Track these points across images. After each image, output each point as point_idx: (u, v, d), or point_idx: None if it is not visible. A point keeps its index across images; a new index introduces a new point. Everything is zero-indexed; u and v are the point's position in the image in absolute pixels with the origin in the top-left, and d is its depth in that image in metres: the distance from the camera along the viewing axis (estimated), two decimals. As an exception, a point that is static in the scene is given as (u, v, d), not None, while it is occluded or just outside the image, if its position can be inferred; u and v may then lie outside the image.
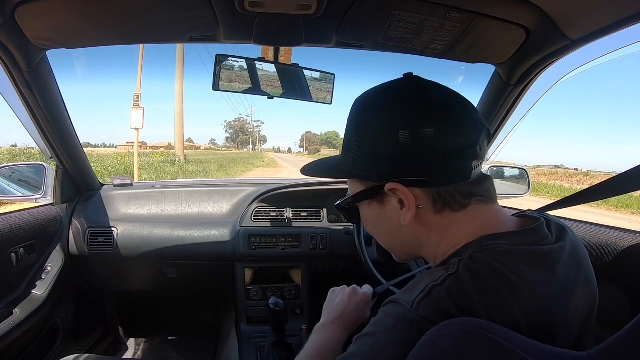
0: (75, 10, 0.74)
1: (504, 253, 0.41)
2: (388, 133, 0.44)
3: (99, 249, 1.28)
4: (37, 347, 1.16)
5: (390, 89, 0.48)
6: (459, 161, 0.44)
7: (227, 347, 1.35)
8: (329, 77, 1.02)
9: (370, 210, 0.50)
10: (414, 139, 0.43)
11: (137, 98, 8.30)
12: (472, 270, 0.40)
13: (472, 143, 0.44)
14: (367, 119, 0.47)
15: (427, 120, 0.43)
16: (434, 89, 0.47)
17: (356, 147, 0.47)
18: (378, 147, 0.45)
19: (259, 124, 75.74)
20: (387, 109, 0.46)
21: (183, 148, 15.95)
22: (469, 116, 0.45)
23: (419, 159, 0.43)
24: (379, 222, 0.50)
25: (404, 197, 0.45)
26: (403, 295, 0.42)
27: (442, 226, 0.46)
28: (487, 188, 0.46)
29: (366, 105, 0.48)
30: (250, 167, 20.46)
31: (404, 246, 0.51)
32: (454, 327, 0.35)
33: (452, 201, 0.45)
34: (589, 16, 0.68)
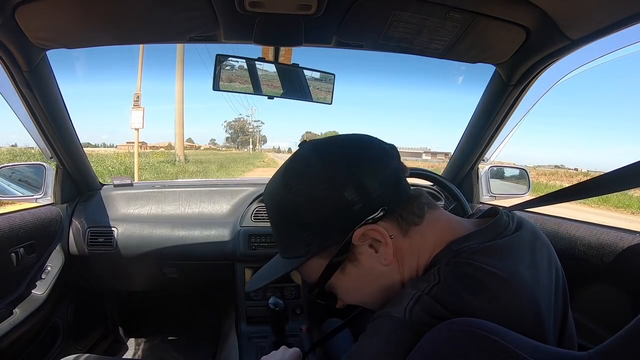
0: (75, 10, 0.74)
1: (477, 252, 0.43)
2: (332, 198, 0.44)
3: (99, 249, 1.28)
4: (37, 347, 1.16)
5: (300, 166, 0.48)
6: (395, 184, 0.46)
7: (227, 347, 1.35)
8: (329, 77, 1.02)
9: (347, 276, 0.48)
10: (357, 181, 0.44)
11: (137, 98, 8.30)
12: (454, 273, 0.41)
13: (395, 166, 0.47)
14: (301, 198, 0.45)
15: (356, 161, 0.45)
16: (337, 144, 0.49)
17: (299, 229, 0.46)
18: (326, 213, 0.45)
19: (259, 124, 75.76)
20: (320, 182, 0.45)
21: (183, 148, 15.95)
22: (379, 146, 0.48)
23: (368, 195, 0.44)
24: (361, 281, 0.48)
25: (377, 234, 0.45)
26: (390, 309, 0.41)
27: (413, 246, 0.47)
28: (425, 195, 0.49)
29: (292, 189, 0.46)
30: (251, 167, 20.45)
31: (388, 291, 0.48)
32: (454, 327, 0.35)
33: (412, 216, 0.46)
34: (589, 16, 0.68)
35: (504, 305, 0.39)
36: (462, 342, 0.34)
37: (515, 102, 1.02)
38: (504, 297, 0.39)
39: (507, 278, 0.40)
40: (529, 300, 0.41)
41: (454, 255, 0.43)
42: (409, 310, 0.39)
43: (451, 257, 0.43)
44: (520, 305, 0.40)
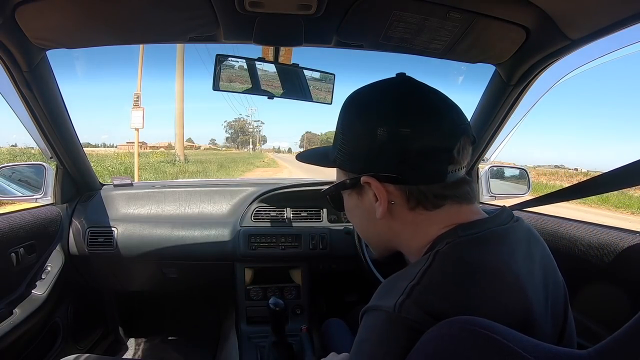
0: (75, 10, 0.74)
1: (476, 240, 0.43)
2: (367, 130, 0.46)
3: (99, 249, 1.28)
4: (37, 347, 1.16)
5: (375, 88, 0.50)
6: (433, 163, 0.45)
7: (227, 347, 1.35)
8: (329, 77, 1.02)
9: (350, 200, 0.53)
10: (390, 137, 0.45)
11: (137, 98, 8.29)
12: (446, 262, 0.41)
13: (448, 147, 0.45)
14: (350, 115, 0.49)
15: (405, 120, 0.45)
16: (418, 90, 0.48)
17: (340, 140, 0.50)
18: (358, 141, 0.48)
19: (259, 124, 75.79)
20: (368, 106, 0.48)
21: (183, 148, 15.93)
22: (449, 121, 0.46)
23: (394, 156, 0.45)
24: (357, 211, 0.53)
25: (377, 192, 0.47)
26: (380, 302, 0.42)
27: (416, 222, 0.47)
28: (465, 191, 0.47)
29: (352, 102, 0.50)
30: (250, 167, 20.44)
31: (379, 238, 0.53)
32: (455, 325, 0.35)
33: (424, 201, 0.46)
34: (589, 16, 0.68)
35: (492, 297, 0.40)
36: (463, 341, 0.34)
37: (515, 102, 1.02)
38: (493, 289, 0.40)
39: (500, 269, 0.41)
40: (519, 291, 0.41)
41: (456, 238, 0.44)
42: (399, 305, 0.39)
43: (453, 238, 0.44)
44: (509, 297, 0.41)
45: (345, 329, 1.10)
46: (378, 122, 0.45)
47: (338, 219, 1.47)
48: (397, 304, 0.39)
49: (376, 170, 0.46)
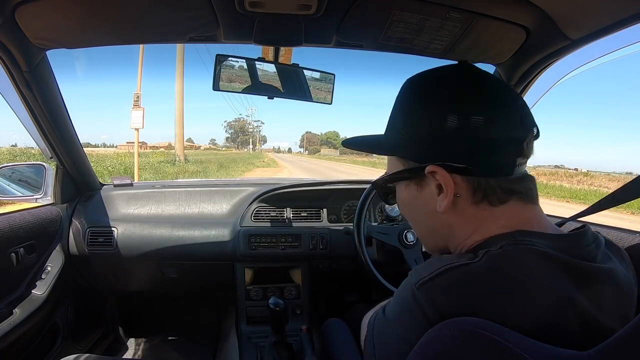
0: (75, 10, 0.74)
1: (538, 253, 0.38)
2: (436, 116, 0.43)
3: (99, 249, 1.28)
4: (37, 347, 1.16)
5: (441, 74, 0.48)
6: (503, 154, 0.43)
7: (227, 347, 1.35)
8: (329, 77, 1.02)
9: (407, 192, 0.49)
10: (462, 125, 0.42)
11: (137, 98, 8.29)
12: (495, 266, 0.38)
13: (519, 138, 0.43)
14: (416, 99, 0.47)
15: (478, 108, 0.43)
16: (487, 78, 0.47)
17: (401, 125, 0.47)
18: (424, 128, 0.45)
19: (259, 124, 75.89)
20: (437, 92, 0.45)
21: (183, 148, 15.92)
22: (520, 111, 0.44)
23: (464, 146, 0.43)
24: (414, 205, 0.49)
25: (444, 182, 0.43)
26: (420, 268, 0.42)
27: (477, 218, 0.44)
28: (529, 187, 0.45)
29: (418, 85, 0.48)
30: (250, 167, 20.44)
31: (434, 234, 0.49)
32: (455, 326, 0.35)
33: (491, 194, 0.43)
34: (589, 16, 0.68)
35: (520, 321, 0.36)
36: (463, 342, 0.34)
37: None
38: (524, 314, 0.36)
39: (543, 297, 0.37)
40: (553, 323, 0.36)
41: (513, 243, 0.39)
42: (422, 282, 0.39)
43: (509, 242, 0.40)
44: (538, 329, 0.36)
45: (345, 329, 1.10)
46: (448, 109, 0.43)
47: (338, 219, 1.47)
48: (422, 280, 0.39)
49: (443, 160, 0.43)
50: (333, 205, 1.48)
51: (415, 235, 1.19)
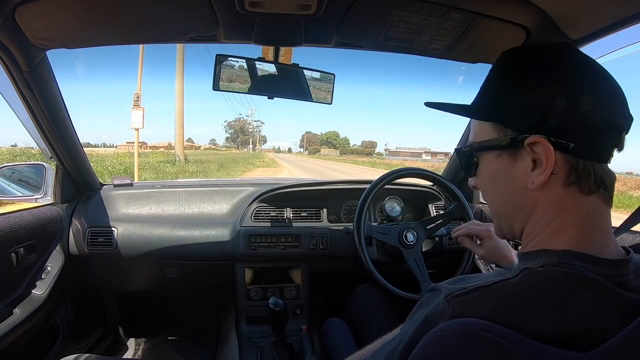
0: (75, 10, 0.74)
1: (575, 277, 0.37)
2: (546, 88, 0.42)
3: (99, 249, 1.28)
4: (37, 347, 1.16)
5: (549, 50, 0.46)
6: (605, 139, 0.41)
7: (227, 347, 1.35)
8: (329, 77, 1.02)
9: (497, 163, 0.46)
10: (572, 102, 0.40)
11: (137, 98, 8.27)
12: (532, 284, 0.37)
13: (621, 126, 0.42)
14: (528, 69, 0.45)
15: (589, 88, 0.41)
16: (596, 62, 0.45)
17: (504, 93, 0.45)
18: (531, 98, 0.42)
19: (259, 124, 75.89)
20: (551, 65, 0.44)
21: (183, 148, 15.90)
22: (623, 100, 0.43)
23: (571, 123, 0.41)
24: (502, 178, 0.46)
25: (545, 156, 0.41)
26: (448, 284, 0.42)
27: (562, 204, 0.42)
28: (613, 182, 0.43)
29: (522, 58, 0.47)
30: (250, 167, 20.38)
31: (516, 213, 0.46)
32: (456, 327, 0.35)
33: (585, 179, 0.41)
34: (589, 16, 0.68)
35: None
36: (465, 343, 0.34)
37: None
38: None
39: (575, 321, 0.36)
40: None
41: (554, 264, 0.38)
42: (453, 296, 0.38)
43: (551, 262, 0.39)
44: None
45: (345, 328, 1.10)
46: (560, 83, 0.42)
47: (338, 219, 1.47)
48: (453, 294, 0.39)
49: (546, 134, 0.41)
50: (333, 205, 1.48)
51: (415, 236, 1.19)
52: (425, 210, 1.51)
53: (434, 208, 1.49)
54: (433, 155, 70.48)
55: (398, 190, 1.49)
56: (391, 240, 1.19)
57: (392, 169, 1.28)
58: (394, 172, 1.21)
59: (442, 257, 1.37)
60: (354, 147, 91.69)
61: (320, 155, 75.06)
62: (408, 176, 1.23)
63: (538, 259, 0.40)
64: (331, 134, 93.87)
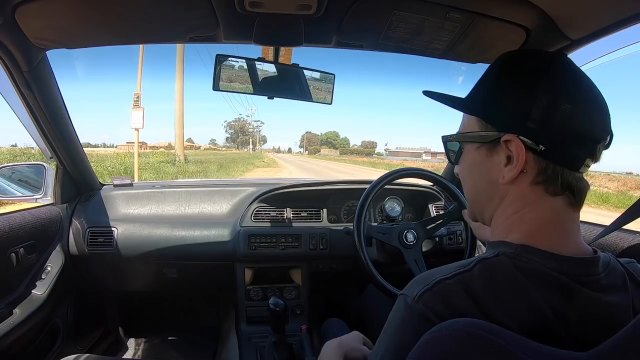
0: (75, 10, 0.74)
1: (530, 270, 0.41)
2: (529, 92, 0.44)
3: (99, 249, 1.28)
4: (37, 347, 1.16)
5: (540, 56, 0.48)
6: (578, 148, 0.44)
7: (227, 347, 1.35)
8: (329, 77, 1.02)
9: (476, 155, 0.50)
10: (551, 108, 0.43)
11: (137, 98, 8.26)
12: (487, 274, 0.41)
13: (597, 138, 0.44)
14: (514, 71, 0.48)
15: (570, 96, 0.44)
16: (584, 75, 0.47)
17: (489, 89, 0.49)
18: (513, 100, 0.46)
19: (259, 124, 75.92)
20: (535, 71, 0.46)
21: (183, 148, 15.87)
22: (604, 113, 0.45)
23: (547, 128, 0.43)
24: (478, 169, 0.51)
25: (516, 154, 0.44)
26: (409, 288, 0.43)
27: (526, 199, 0.46)
28: (583, 189, 0.45)
29: (513, 62, 0.50)
30: (250, 167, 20.37)
31: (486, 202, 0.51)
32: (455, 327, 0.35)
33: (551, 182, 0.44)
34: (589, 16, 0.68)
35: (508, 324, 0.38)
36: (461, 343, 0.34)
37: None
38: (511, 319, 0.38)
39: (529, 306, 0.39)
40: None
41: (510, 256, 0.42)
42: (419, 295, 0.40)
43: (507, 253, 0.42)
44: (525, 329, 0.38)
45: (345, 329, 1.10)
46: (543, 89, 0.44)
47: (338, 219, 1.47)
48: (418, 293, 0.40)
49: (522, 134, 0.44)
50: (333, 205, 1.47)
51: (415, 236, 1.19)
52: (425, 210, 1.51)
53: (434, 208, 1.49)
54: (433, 155, 70.48)
55: (398, 190, 1.49)
56: (391, 241, 1.19)
57: (392, 169, 1.27)
58: (394, 172, 1.21)
59: (442, 257, 1.37)
60: (354, 147, 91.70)
61: (320, 155, 75.05)
62: (408, 176, 1.23)
63: (496, 249, 0.44)
64: (331, 134, 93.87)
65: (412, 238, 1.18)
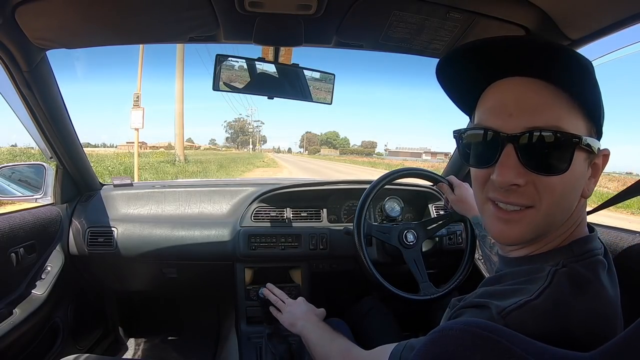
0: (75, 10, 0.74)
1: (597, 263, 0.43)
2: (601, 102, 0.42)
3: (99, 249, 1.28)
4: (37, 347, 1.16)
5: None
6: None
7: (227, 347, 1.35)
8: (329, 77, 1.02)
9: (582, 166, 0.42)
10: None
11: (137, 98, 8.23)
12: (563, 285, 0.40)
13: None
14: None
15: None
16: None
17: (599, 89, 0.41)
18: (601, 109, 0.43)
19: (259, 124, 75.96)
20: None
21: (183, 148, 15.83)
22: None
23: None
24: (578, 183, 0.43)
25: (602, 169, 0.43)
26: (495, 300, 0.41)
27: (577, 210, 0.45)
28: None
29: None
30: (250, 167, 20.32)
31: (563, 217, 0.44)
32: (458, 327, 0.35)
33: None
34: (589, 16, 0.68)
35: (599, 331, 0.39)
36: (465, 342, 0.34)
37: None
38: (599, 321, 0.40)
39: (607, 302, 0.42)
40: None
41: (575, 259, 0.42)
42: (508, 311, 0.39)
43: (570, 258, 0.43)
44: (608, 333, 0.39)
45: (345, 329, 1.10)
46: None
47: (338, 219, 1.47)
48: (507, 309, 0.39)
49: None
50: (333, 205, 1.47)
51: (415, 236, 1.18)
52: (425, 210, 1.51)
53: (433, 208, 1.49)
54: (433, 155, 70.46)
55: (398, 190, 1.49)
56: (391, 240, 1.19)
57: (393, 169, 1.27)
58: (394, 172, 1.21)
59: (441, 257, 1.37)
60: (353, 147, 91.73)
61: (320, 155, 75.05)
62: (408, 176, 1.23)
63: (551, 260, 0.43)
64: (331, 134, 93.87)
65: (412, 238, 1.18)
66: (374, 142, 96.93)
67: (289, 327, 0.91)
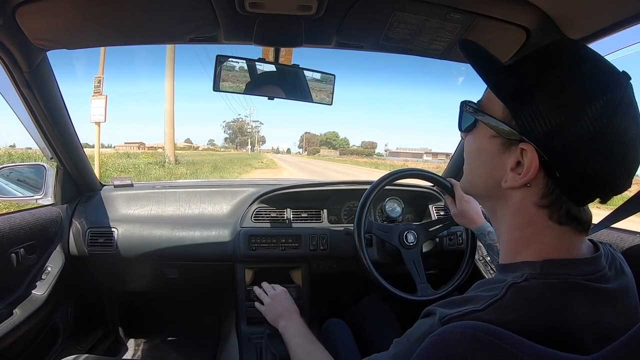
0: (75, 10, 0.74)
1: (566, 285, 0.40)
2: (576, 110, 0.38)
3: (99, 250, 1.28)
4: (37, 347, 1.16)
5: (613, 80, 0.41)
6: (593, 192, 0.41)
7: (227, 347, 1.35)
8: (329, 78, 1.02)
9: (487, 142, 0.46)
10: (585, 142, 0.38)
11: (99, 82, 6.39)
12: (519, 300, 0.39)
13: (618, 185, 0.41)
14: (574, 76, 0.39)
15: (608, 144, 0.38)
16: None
17: (532, 80, 0.41)
18: (552, 108, 0.39)
19: (258, 125, 75.91)
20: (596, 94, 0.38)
21: (173, 148, 14.80)
22: (635, 161, 0.41)
23: (572, 155, 0.39)
24: (485, 157, 0.47)
25: (527, 166, 0.41)
26: (442, 307, 0.42)
27: (528, 220, 0.43)
28: (589, 219, 0.44)
29: (585, 71, 0.40)
30: (248, 169, 19.54)
31: (484, 190, 0.49)
32: (458, 330, 0.35)
33: (556, 211, 0.42)
34: (589, 16, 0.68)
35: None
36: (464, 345, 0.34)
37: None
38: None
39: (572, 328, 0.38)
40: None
41: (537, 276, 0.40)
42: (448, 318, 0.39)
43: (534, 275, 0.40)
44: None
45: (345, 329, 1.10)
46: (589, 115, 0.37)
47: (338, 219, 1.47)
48: (448, 316, 0.39)
49: (542, 149, 0.40)
50: (333, 206, 1.47)
51: (415, 237, 1.18)
52: (426, 211, 1.51)
53: (434, 209, 1.49)
54: (434, 155, 70.43)
55: (398, 191, 1.49)
56: (391, 239, 1.19)
57: (393, 170, 1.28)
58: (394, 172, 1.21)
59: (442, 258, 1.37)
60: (353, 148, 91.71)
61: (319, 155, 74.98)
62: (409, 177, 1.23)
63: (519, 271, 0.42)
64: (331, 135, 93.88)
65: (413, 239, 1.18)
66: (374, 142, 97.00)
67: (272, 323, 0.97)
